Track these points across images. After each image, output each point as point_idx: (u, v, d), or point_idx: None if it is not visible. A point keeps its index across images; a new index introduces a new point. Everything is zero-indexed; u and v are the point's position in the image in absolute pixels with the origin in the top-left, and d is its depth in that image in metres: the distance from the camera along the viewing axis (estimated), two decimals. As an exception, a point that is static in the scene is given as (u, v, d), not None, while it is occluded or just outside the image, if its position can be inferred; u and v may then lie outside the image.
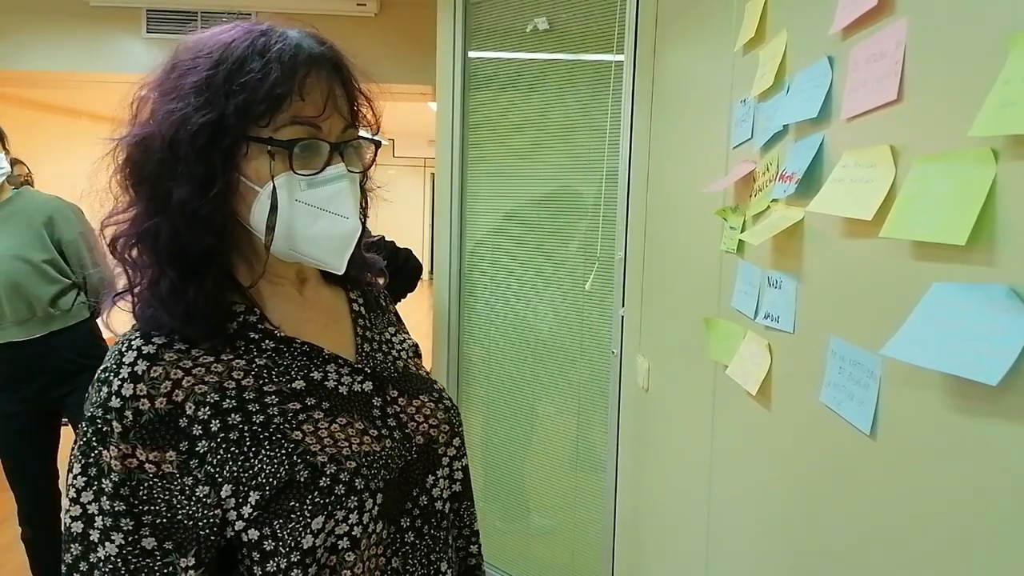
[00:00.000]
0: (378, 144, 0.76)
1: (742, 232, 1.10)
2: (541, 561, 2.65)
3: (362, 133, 0.75)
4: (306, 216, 0.68)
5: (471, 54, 2.74)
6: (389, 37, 4.15)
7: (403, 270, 2.61)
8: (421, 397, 0.81)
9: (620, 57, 2.18)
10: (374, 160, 0.77)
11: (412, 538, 0.76)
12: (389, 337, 0.86)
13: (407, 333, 0.92)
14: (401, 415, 0.78)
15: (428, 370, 0.88)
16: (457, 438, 0.83)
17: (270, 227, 0.68)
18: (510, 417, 2.70)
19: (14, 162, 4.06)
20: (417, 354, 0.90)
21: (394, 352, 0.84)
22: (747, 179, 1.10)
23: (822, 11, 0.85)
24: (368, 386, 0.77)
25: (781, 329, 0.94)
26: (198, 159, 0.64)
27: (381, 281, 0.92)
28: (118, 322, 0.71)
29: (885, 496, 0.70)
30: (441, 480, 0.80)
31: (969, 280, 0.56)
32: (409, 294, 2.70)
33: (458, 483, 0.83)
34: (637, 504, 2.08)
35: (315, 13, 4.09)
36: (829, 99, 0.81)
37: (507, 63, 2.67)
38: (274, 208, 0.67)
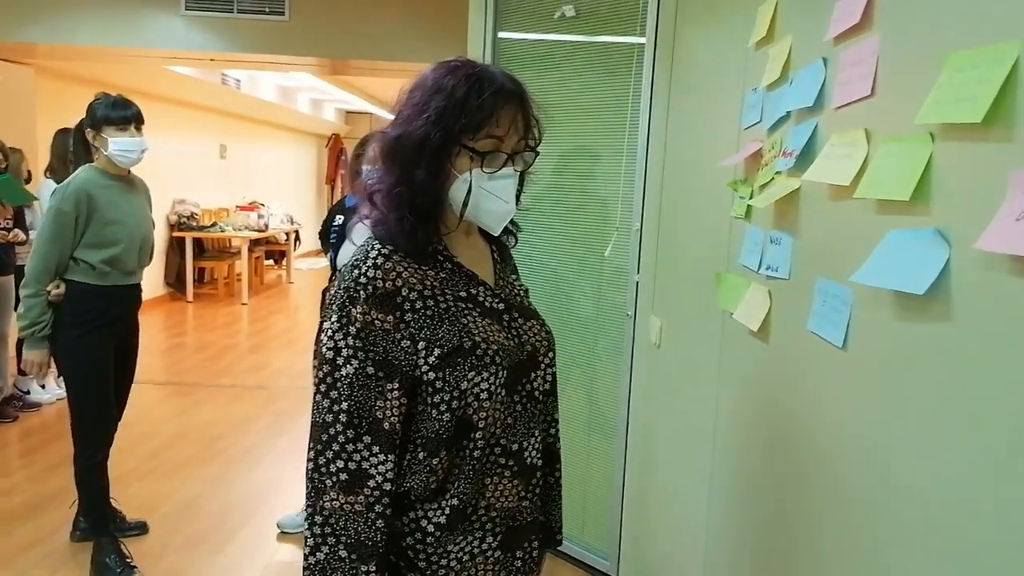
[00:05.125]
0: (536, 153, 1.10)
1: (750, 200, 1.32)
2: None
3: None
4: (484, 198, 1.05)
5: (501, 34, 2.91)
6: (413, 16, 4.34)
7: None
8: (531, 321, 1.15)
9: (642, 40, 2.37)
10: (532, 162, 1.11)
11: (519, 408, 1.10)
12: (512, 280, 1.21)
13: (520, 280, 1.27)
14: (519, 329, 1.12)
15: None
16: (551, 352, 1.16)
17: (464, 203, 1.05)
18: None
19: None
20: (526, 294, 1.24)
21: (515, 289, 1.19)
22: (755, 156, 1.32)
23: (819, 21, 1.07)
24: (500, 306, 1.11)
25: (779, 277, 1.16)
26: (434, 156, 1.02)
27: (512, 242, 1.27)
28: None
29: (853, 391, 0.93)
30: (539, 378, 1.13)
31: (912, 226, 0.79)
32: None
33: (549, 383, 1.16)
34: (648, 453, 2.32)
35: (345, -9, 4.27)
36: (823, 92, 1.03)
37: (535, 44, 2.85)
38: (468, 190, 1.04)
